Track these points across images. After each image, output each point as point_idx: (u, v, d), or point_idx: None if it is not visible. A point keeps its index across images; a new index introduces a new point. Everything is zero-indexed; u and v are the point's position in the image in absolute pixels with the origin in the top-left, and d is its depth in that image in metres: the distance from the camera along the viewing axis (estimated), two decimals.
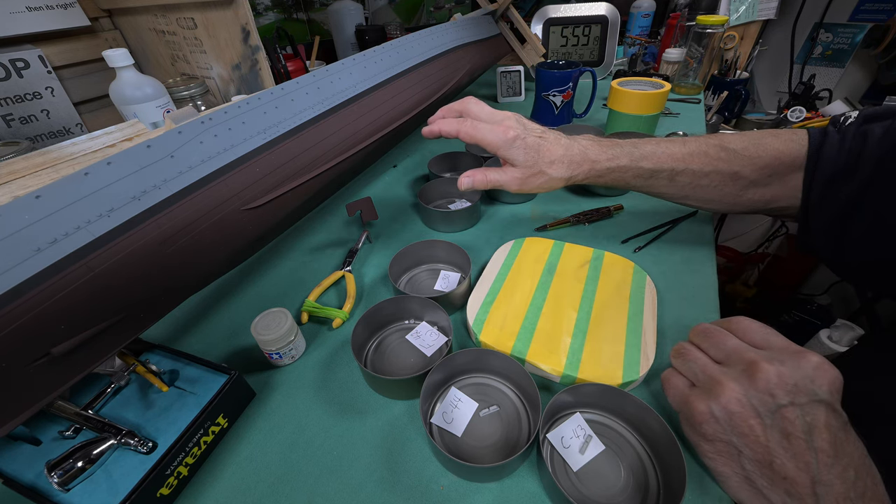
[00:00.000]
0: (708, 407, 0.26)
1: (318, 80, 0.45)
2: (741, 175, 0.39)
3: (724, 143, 0.40)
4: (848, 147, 0.35)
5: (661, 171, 0.41)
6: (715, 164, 0.40)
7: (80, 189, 0.25)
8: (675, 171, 0.40)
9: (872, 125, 0.35)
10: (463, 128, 0.40)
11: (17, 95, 0.62)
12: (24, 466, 0.30)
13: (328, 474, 0.31)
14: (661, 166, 0.40)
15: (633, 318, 0.38)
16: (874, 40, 1.05)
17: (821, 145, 0.37)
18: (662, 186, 0.42)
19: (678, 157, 0.40)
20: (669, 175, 0.41)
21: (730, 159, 0.39)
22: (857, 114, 0.38)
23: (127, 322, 0.29)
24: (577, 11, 0.98)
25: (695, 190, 0.41)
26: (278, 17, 1.15)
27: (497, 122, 0.40)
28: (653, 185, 0.42)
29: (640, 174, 0.41)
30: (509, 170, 0.41)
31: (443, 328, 0.39)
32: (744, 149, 0.39)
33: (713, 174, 0.40)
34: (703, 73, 0.91)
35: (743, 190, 0.40)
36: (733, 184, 0.40)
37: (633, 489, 0.28)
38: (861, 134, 0.35)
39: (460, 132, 0.40)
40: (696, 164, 0.40)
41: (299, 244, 0.56)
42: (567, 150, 0.40)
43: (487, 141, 0.40)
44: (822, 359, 0.25)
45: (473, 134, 0.40)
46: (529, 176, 0.40)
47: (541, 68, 0.77)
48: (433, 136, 0.42)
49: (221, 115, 0.35)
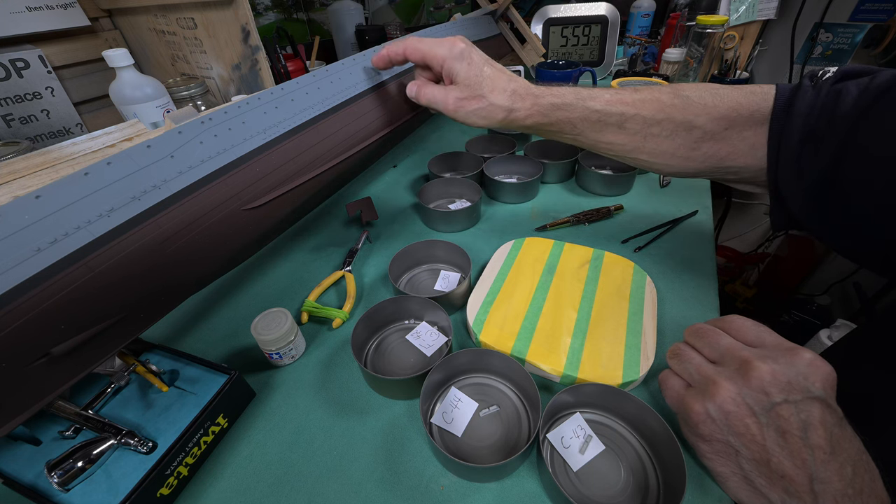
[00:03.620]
0: (704, 407, 0.26)
1: (318, 80, 0.45)
2: (695, 125, 0.36)
3: (678, 91, 0.37)
4: (821, 104, 0.32)
5: (609, 115, 0.38)
6: (668, 111, 0.37)
7: (80, 189, 0.25)
8: (625, 115, 0.38)
9: (847, 83, 0.31)
10: (406, 44, 0.39)
11: (17, 95, 0.62)
12: (24, 466, 0.30)
13: (328, 474, 0.31)
14: (610, 109, 0.38)
15: (633, 318, 0.38)
16: (874, 40, 1.05)
17: (791, 100, 0.33)
18: (611, 134, 0.39)
19: (628, 101, 0.38)
20: (619, 121, 0.38)
21: (684, 106, 0.37)
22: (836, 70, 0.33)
23: (127, 322, 0.29)
24: (577, 11, 0.98)
25: (646, 140, 0.38)
26: (278, 17, 1.15)
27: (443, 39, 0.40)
28: (602, 134, 0.39)
29: (587, 116, 0.38)
30: (451, 88, 0.39)
31: (443, 328, 0.39)
32: (699, 97, 0.36)
33: (665, 121, 0.37)
34: (704, 73, 0.91)
35: (697, 142, 0.37)
36: (686, 134, 0.37)
37: (633, 489, 0.28)
38: (835, 92, 0.31)
39: (406, 49, 0.39)
40: (648, 110, 0.37)
41: (299, 244, 0.56)
42: (511, 80, 0.39)
43: (434, 52, 0.38)
44: (814, 355, 0.25)
45: (418, 47, 0.39)
46: (468, 97, 0.38)
47: (541, 68, 0.77)
48: (383, 62, 0.42)
49: (221, 115, 0.35)
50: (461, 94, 0.39)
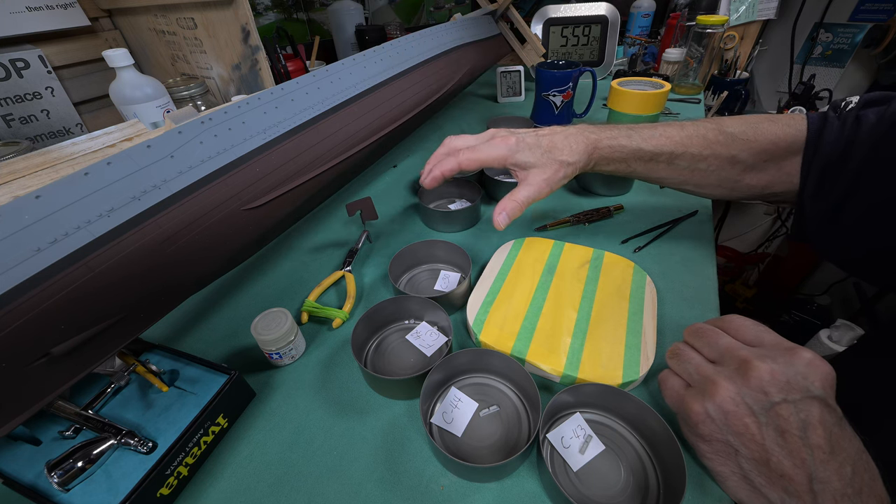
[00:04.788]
0: (703, 407, 0.26)
1: (318, 80, 0.45)
2: (738, 159, 0.39)
3: (721, 127, 0.40)
4: (846, 133, 0.35)
5: (660, 154, 0.41)
6: (713, 147, 0.40)
7: (80, 189, 0.25)
8: (674, 154, 0.40)
9: (867, 111, 0.35)
10: (462, 158, 0.40)
11: (17, 95, 0.62)
12: (24, 466, 0.30)
13: (328, 474, 0.31)
14: (661, 149, 0.40)
15: (633, 317, 0.38)
16: (874, 40, 1.05)
17: (821, 130, 0.36)
18: (662, 170, 0.42)
19: (676, 139, 0.40)
20: (668, 158, 0.41)
21: (727, 143, 0.39)
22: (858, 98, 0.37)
23: (127, 322, 0.29)
24: (577, 11, 0.98)
25: (693, 174, 0.42)
26: (278, 17, 1.15)
27: (489, 139, 0.41)
28: (652, 170, 0.42)
29: (641, 156, 0.41)
30: (531, 178, 0.39)
31: (443, 328, 0.39)
32: (741, 132, 0.39)
33: (711, 158, 0.40)
34: (703, 73, 0.91)
35: (741, 174, 0.40)
36: (731, 168, 0.40)
37: (633, 489, 0.28)
38: (856, 119, 0.35)
39: (461, 164, 0.40)
40: (695, 147, 0.40)
41: (299, 244, 0.56)
42: (565, 137, 0.40)
43: (493, 157, 0.39)
44: (813, 354, 0.25)
45: (475, 158, 0.40)
46: (552, 172, 0.39)
47: (541, 68, 0.77)
48: (437, 182, 0.41)
49: (221, 115, 0.35)
50: (544, 176, 0.39)
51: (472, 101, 1.02)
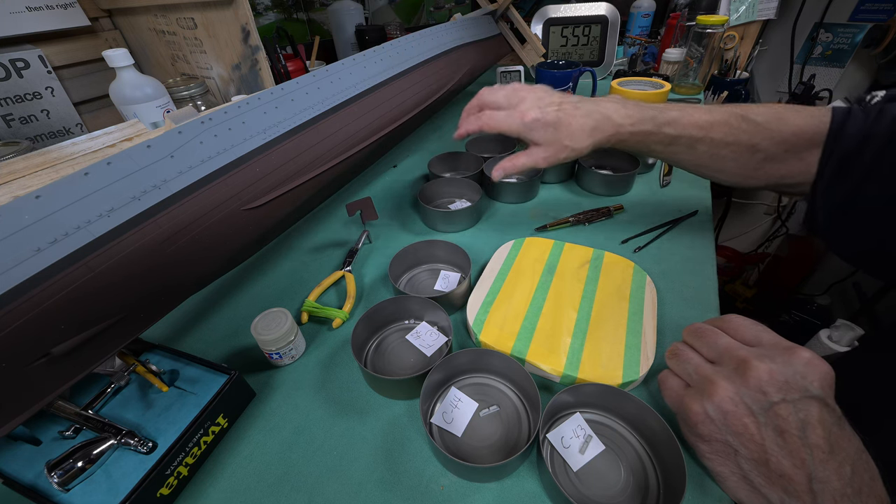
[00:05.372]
0: (703, 407, 0.26)
1: (318, 80, 0.45)
2: (759, 148, 0.39)
3: (747, 114, 0.39)
4: (868, 125, 0.35)
5: (681, 138, 0.41)
6: (736, 134, 0.39)
7: (80, 189, 0.26)
8: (695, 138, 0.40)
9: (893, 104, 0.34)
10: (482, 122, 0.43)
11: (17, 95, 0.62)
12: (24, 466, 0.30)
13: (328, 474, 0.31)
14: (683, 133, 0.40)
15: (633, 318, 0.38)
16: (874, 40, 1.05)
17: (844, 122, 0.36)
18: (681, 153, 0.42)
19: (701, 124, 0.40)
20: (689, 142, 0.41)
21: (751, 131, 0.39)
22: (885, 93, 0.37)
23: (127, 322, 0.29)
24: (577, 11, 0.98)
25: (712, 159, 0.41)
26: (278, 17, 1.15)
27: (514, 107, 0.42)
28: (672, 152, 0.43)
29: (662, 140, 0.41)
30: (534, 150, 0.42)
31: (443, 328, 0.39)
32: (766, 122, 0.39)
33: (733, 145, 0.40)
34: (703, 72, 0.91)
35: (760, 163, 0.40)
36: (751, 156, 0.40)
37: (633, 489, 0.28)
38: (879, 112, 0.34)
39: (482, 127, 0.43)
40: (718, 133, 0.40)
41: (299, 244, 0.56)
42: (588, 116, 0.41)
43: (510, 128, 0.42)
44: (812, 354, 0.25)
45: (492, 125, 0.43)
46: (554, 152, 0.42)
47: (541, 68, 0.77)
48: (462, 137, 0.45)
49: (221, 115, 0.35)
50: (546, 154, 0.42)
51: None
